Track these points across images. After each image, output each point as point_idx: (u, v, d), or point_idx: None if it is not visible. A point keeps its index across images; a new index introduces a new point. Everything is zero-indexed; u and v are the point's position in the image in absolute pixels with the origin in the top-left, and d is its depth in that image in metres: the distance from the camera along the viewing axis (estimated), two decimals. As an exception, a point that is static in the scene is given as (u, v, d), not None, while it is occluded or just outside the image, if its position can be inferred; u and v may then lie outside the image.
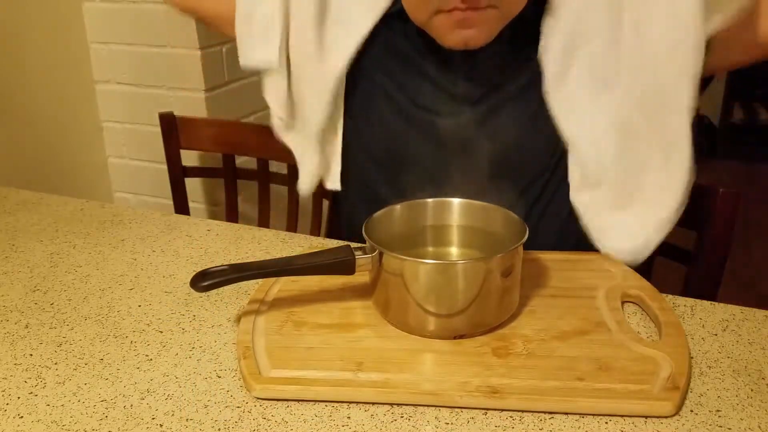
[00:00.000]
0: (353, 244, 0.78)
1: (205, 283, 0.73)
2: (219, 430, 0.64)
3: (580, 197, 0.89)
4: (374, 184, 0.99)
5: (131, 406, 0.67)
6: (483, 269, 0.72)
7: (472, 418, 0.65)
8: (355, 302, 0.80)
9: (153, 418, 0.65)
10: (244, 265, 0.75)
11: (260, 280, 0.83)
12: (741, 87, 3.39)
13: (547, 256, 0.89)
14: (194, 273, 0.74)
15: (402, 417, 0.65)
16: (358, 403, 0.66)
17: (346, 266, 0.75)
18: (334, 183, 1.01)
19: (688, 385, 0.68)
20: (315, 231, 1.39)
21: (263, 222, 1.44)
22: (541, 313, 0.78)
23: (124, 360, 0.74)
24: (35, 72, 1.83)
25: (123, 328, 0.80)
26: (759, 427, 0.63)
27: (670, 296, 0.84)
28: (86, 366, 0.73)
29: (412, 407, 0.66)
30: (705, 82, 0.79)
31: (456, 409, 0.66)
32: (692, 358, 0.72)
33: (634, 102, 0.83)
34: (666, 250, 1.03)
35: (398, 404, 0.66)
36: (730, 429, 0.63)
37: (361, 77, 0.95)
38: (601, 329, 0.74)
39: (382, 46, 0.93)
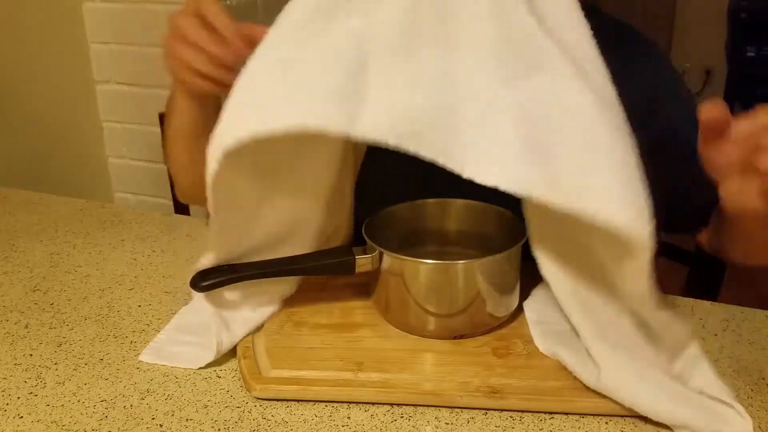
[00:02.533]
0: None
1: (205, 283, 0.73)
2: (219, 430, 0.64)
3: None
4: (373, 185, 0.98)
5: (131, 406, 0.67)
6: (483, 269, 0.72)
7: (472, 418, 0.65)
8: (355, 302, 0.80)
9: (153, 418, 0.65)
10: (244, 265, 0.75)
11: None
12: (741, 87, 3.38)
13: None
14: (194, 273, 0.74)
15: (402, 417, 0.65)
16: (358, 403, 0.66)
17: (346, 266, 0.75)
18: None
19: (689, 385, 0.68)
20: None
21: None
22: (541, 313, 0.78)
23: (124, 360, 0.74)
24: (35, 72, 1.83)
25: (123, 328, 0.80)
26: (759, 427, 0.63)
27: (671, 296, 0.84)
28: (86, 366, 0.73)
29: (412, 407, 0.66)
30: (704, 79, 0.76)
31: (456, 409, 0.66)
32: (692, 358, 0.72)
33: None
34: (667, 250, 1.02)
35: (398, 404, 0.66)
36: (730, 429, 0.63)
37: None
38: (601, 329, 0.74)
39: None
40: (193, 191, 0.86)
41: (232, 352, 0.74)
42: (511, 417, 0.65)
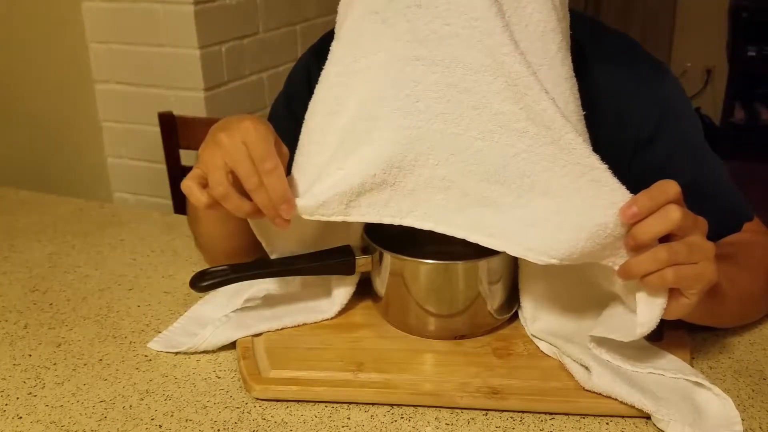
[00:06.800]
0: (353, 244, 0.77)
1: (205, 283, 0.73)
2: (218, 430, 0.63)
3: None
4: None
5: (130, 406, 0.67)
6: (483, 269, 0.72)
7: (473, 418, 0.64)
8: (355, 302, 0.80)
9: (152, 419, 0.65)
10: (244, 265, 0.75)
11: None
12: (742, 87, 3.39)
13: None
14: (194, 273, 0.74)
15: (402, 418, 0.65)
16: (358, 403, 0.66)
17: (346, 266, 0.75)
18: None
19: (689, 385, 0.68)
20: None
21: (263, 222, 1.44)
22: (541, 313, 0.77)
23: (123, 360, 0.74)
24: (35, 72, 1.83)
25: (122, 329, 0.80)
26: (760, 427, 0.63)
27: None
28: (85, 366, 0.73)
29: (413, 408, 0.66)
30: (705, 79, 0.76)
31: (456, 410, 0.65)
32: (693, 358, 0.72)
33: None
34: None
35: (398, 405, 0.66)
36: (731, 430, 0.62)
37: None
38: (601, 329, 0.74)
39: None
40: (229, 259, 0.80)
41: (232, 353, 0.74)
42: (511, 417, 0.64)
